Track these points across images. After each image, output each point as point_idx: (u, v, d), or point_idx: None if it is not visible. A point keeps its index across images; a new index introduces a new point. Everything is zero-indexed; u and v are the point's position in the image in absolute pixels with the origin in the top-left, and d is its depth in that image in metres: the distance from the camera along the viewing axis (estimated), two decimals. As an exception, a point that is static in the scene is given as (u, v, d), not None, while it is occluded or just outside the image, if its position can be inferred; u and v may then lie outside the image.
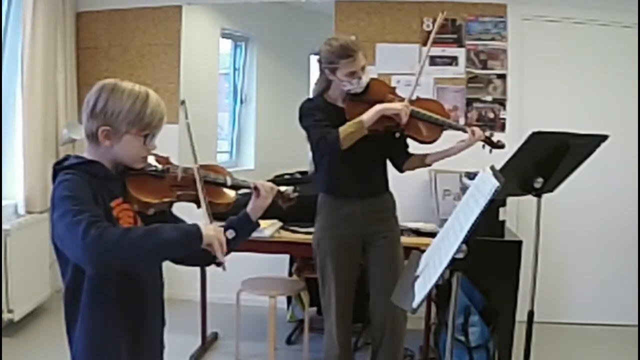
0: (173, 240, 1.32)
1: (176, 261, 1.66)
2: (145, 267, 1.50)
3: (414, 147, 2.63)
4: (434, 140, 2.49)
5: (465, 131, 2.47)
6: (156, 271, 1.58)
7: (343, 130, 2.33)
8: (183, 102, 1.80)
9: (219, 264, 1.41)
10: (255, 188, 1.67)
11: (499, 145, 2.51)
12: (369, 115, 2.35)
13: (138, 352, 1.50)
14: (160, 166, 1.58)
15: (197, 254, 1.60)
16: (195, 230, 1.36)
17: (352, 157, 2.44)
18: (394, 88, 2.59)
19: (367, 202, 2.56)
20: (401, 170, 2.66)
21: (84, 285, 1.40)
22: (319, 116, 2.43)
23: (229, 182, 1.66)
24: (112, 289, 1.42)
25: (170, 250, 1.35)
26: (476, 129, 2.46)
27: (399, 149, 2.62)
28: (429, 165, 2.60)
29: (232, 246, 1.63)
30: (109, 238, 1.25)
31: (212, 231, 1.38)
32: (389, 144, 2.54)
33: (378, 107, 2.37)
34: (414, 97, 2.50)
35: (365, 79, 2.43)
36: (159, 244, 1.31)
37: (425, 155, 2.58)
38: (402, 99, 2.49)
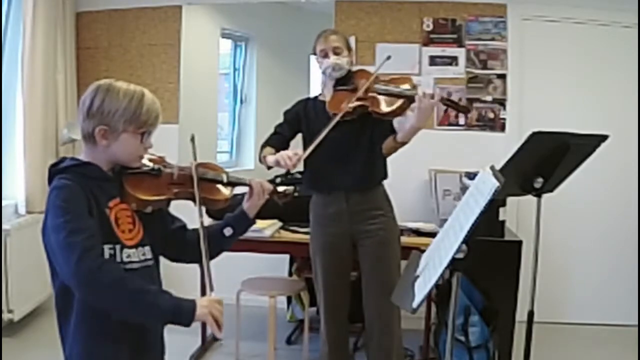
0: (160, 310, 1.32)
1: (173, 259, 1.67)
2: (125, 319, 1.39)
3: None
4: (397, 113, 2.43)
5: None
6: (154, 271, 1.57)
7: (264, 152, 2.56)
8: (192, 139, 1.68)
9: (215, 339, 1.40)
10: (250, 185, 1.69)
11: (462, 107, 2.51)
12: (269, 160, 2.48)
13: (139, 353, 1.50)
14: (156, 165, 1.59)
15: (197, 249, 1.59)
16: (190, 307, 1.34)
17: (330, 145, 2.44)
18: (377, 77, 2.52)
19: (354, 198, 2.55)
20: (384, 156, 2.58)
21: None
22: (286, 118, 2.67)
23: (225, 180, 1.67)
24: None
25: (154, 316, 1.35)
26: (428, 90, 2.36)
27: (381, 133, 2.52)
28: (403, 142, 2.44)
29: (229, 243, 1.66)
30: (106, 275, 1.29)
31: (206, 307, 1.34)
32: (369, 129, 2.51)
33: (268, 158, 2.48)
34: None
35: (333, 60, 2.51)
36: (148, 306, 1.32)
37: (395, 135, 2.48)
38: (376, 91, 2.48)
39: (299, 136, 2.66)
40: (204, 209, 1.62)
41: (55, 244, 1.31)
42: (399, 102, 2.41)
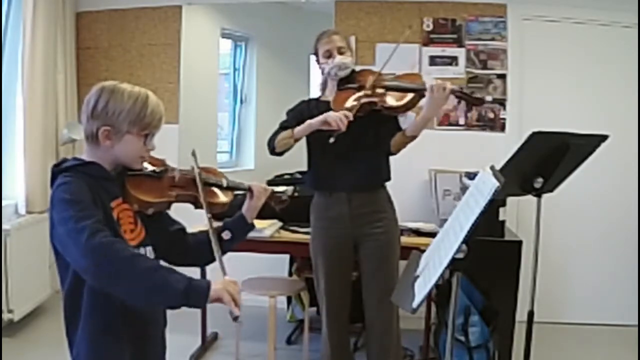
0: (173, 288, 1.26)
1: (173, 262, 1.67)
2: (136, 303, 1.38)
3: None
4: (408, 107, 2.42)
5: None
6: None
7: (281, 135, 2.47)
8: (193, 153, 1.68)
9: (234, 318, 1.31)
10: (249, 189, 1.71)
11: (475, 99, 2.41)
12: (299, 129, 2.43)
13: (141, 353, 1.50)
14: (158, 168, 1.59)
15: (196, 253, 1.60)
16: (204, 285, 1.30)
17: (334, 143, 2.40)
18: (380, 74, 2.52)
19: (357, 200, 2.52)
20: (392, 153, 2.55)
21: (85, 290, 1.40)
22: (289, 117, 2.58)
23: (224, 184, 1.69)
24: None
25: (167, 294, 1.26)
26: (439, 81, 2.31)
27: (388, 131, 2.51)
28: (412, 136, 2.43)
29: (228, 247, 1.67)
30: (118, 251, 1.26)
31: (221, 284, 1.30)
32: (374, 127, 2.49)
33: (309, 121, 2.42)
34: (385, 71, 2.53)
35: (339, 59, 2.49)
36: (161, 284, 1.26)
37: (404, 130, 2.47)
38: (384, 86, 2.48)
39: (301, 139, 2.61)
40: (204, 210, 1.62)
41: (64, 234, 1.29)
42: (409, 96, 2.41)
